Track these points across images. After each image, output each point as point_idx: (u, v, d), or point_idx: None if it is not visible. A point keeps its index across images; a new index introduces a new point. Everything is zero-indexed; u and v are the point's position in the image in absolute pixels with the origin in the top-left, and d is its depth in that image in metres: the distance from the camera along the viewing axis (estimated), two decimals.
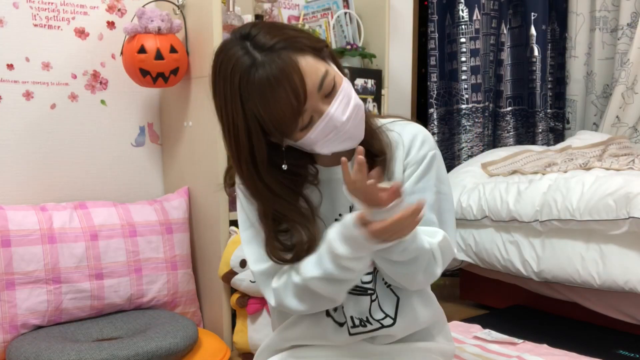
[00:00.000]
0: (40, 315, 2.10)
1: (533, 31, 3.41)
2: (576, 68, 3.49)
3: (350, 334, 1.16)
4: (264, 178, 1.05)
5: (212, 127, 2.25)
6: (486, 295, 2.87)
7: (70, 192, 2.41)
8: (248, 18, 2.47)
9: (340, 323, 1.16)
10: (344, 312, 1.15)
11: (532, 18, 3.40)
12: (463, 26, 3.35)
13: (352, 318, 1.15)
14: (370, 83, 2.65)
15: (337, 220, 1.14)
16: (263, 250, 1.11)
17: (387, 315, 1.16)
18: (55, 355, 1.84)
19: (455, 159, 3.41)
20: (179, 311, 2.37)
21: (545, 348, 1.78)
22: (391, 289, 1.17)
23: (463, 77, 3.36)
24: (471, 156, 3.29)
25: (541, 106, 3.44)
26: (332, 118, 1.03)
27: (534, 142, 3.44)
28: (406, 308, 1.17)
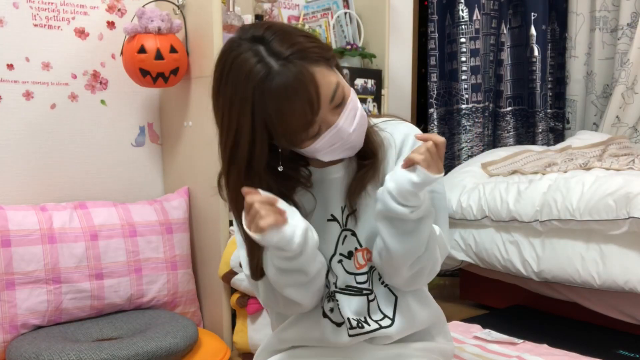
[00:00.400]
0: (40, 315, 2.10)
1: (533, 31, 3.41)
2: (576, 68, 3.49)
3: (349, 335, 1.16)
4: (253, 184, 1.03)
5: (212, 127, 2.22)
6: (486, 295, 2.87)
7: (70, 192, 2.41)
8: (248, 18, 2.47)
9: (337, 323, 1.16)
10: (341, 313, 1.15)
11: (532, 18, 3.40)
12: (463, 26, 3.35)
13: (350, 320, 1.14)
14: (370, 83, 2.65)
15: (330, 220, 1.14)
16: None
17: (386, 315, 1.16)
18: (55, 355, 1.84)
19: (455, 159, 3.41)
20: (179, 311, 2.37)
21: (545, 348, 1.78)
22: (389, 289, 1.17)
23: (463, 77, 3.36)
24: (471, 156, 3.29)
25: (541, 106, 3.44)
26: (340, 130, 1.04)
27: (534, 142, 3.44)
28: (404, 308, 1.17)
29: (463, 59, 3.36)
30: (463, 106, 3.37)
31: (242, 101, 0.99)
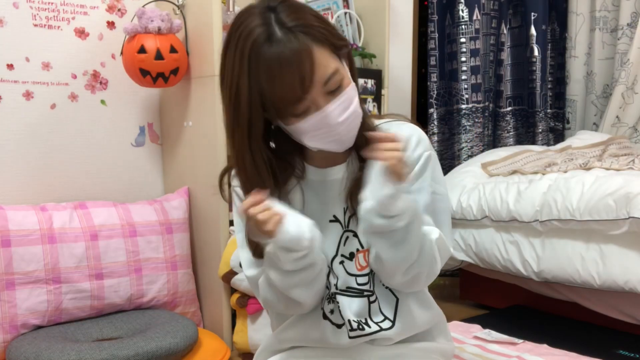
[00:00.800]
0: (40, 315, 2.10)
1: (533, 31, 3.41)
2: (576, 68, 3.49)
3: (349, 337, 1.15)
4: (254, 152, 1.04)
5: (212, 127, 2.25)
6: (486, 295, 2.87)
7: (70, 192, 2.41)
8: None
9: (338, 325, 1.16)
10: (342, 315, 1.15)
11: (532, 18, 3.40)
12: (463, 26, 3.35)
13: (350, 321, 1.14)
14: (370, 83, 2.65)
15: (331, 221, 1.14)
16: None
17: (387, 317, 1.16)
18: (55, 355, 1.84)
19: (455, 159, 3.41)
20: (179, 311, 2.37)
21: (545, 348, 1.78)
22: (390, 290, 1.17)
23: (463, 77, 3.36)
24: (471, 156, 3.29)
25: (541, 106, 3.44)
26: (328, 116, 1.03)
27: (534, 142, 3.44)
28: (405, 310, 1.17)
29: (463, 59, 3.36)
30: (463, 106, 3.37)
31: (241, 60, 1.01)
